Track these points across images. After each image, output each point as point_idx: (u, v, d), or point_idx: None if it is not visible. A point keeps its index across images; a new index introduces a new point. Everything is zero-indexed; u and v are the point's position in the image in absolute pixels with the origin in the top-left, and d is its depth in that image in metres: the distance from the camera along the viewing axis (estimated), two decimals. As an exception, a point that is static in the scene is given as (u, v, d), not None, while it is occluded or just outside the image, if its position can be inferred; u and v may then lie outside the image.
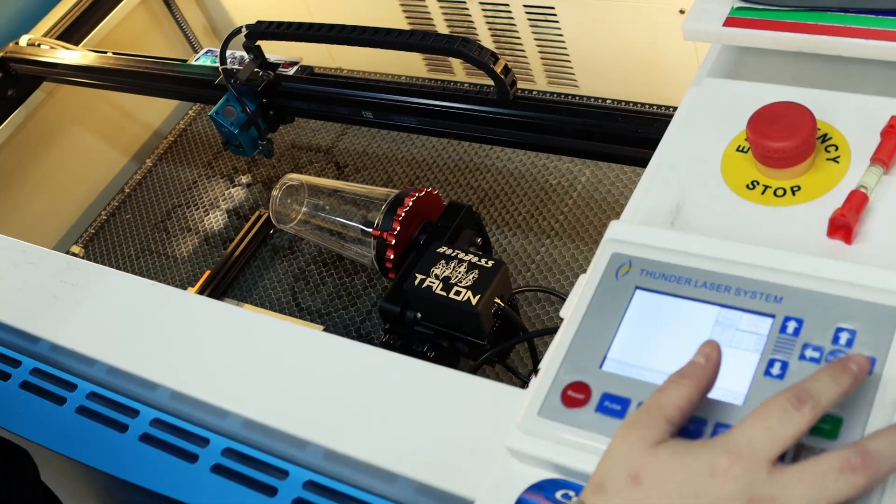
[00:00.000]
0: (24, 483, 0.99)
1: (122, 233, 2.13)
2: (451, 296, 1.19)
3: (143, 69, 1.77)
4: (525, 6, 1.79)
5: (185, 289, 1.84)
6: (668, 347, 0.69)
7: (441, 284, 1.20)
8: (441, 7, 1.91)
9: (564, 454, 0.68)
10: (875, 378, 0.62)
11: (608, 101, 1.85)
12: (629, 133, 1.27)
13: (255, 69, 1.60)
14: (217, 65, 1.66)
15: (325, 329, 1.71)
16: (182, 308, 1.04)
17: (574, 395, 0.69)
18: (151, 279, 1.07)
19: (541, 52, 1.87)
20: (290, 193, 1.57)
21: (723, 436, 0.59)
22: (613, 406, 0.68)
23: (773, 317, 0.68)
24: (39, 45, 1.94)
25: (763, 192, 0.78)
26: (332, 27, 1.47)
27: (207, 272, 1.86)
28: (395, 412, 0.85)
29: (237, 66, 1.70)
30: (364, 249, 1.47)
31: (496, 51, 1.50)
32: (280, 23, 1.51)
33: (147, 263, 2.02)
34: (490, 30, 1.89)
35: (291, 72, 1.62)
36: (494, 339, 1.22)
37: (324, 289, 1.80)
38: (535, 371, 0.72)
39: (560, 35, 1.81)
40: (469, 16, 1.88)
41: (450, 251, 1.24)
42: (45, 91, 2.04)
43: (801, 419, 0.58)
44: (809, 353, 0.65)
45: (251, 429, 0.89)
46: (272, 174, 2.09)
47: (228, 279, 1.87)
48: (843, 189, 0.76)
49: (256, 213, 1.97)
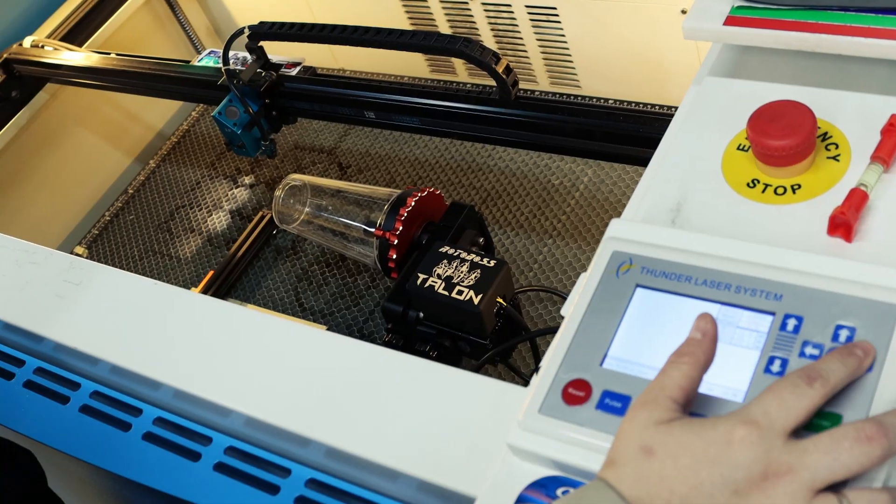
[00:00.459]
0: (31, 488, 1.00)
1: (126, 234, 2.13)
2: (454, 295, 1.19)
3: (147, 70, 1.78)
4: (527, 6, 1.79)
5: (189, 289, 1.85)
6: (669, 345, 0.69)
7: (443, 284, 1.21)
8: (443, 7, 1.91)
9: (565, 451, 0.68)
10: (874, 374, 0.63)
11: (610, 101, 1.85)
12: (631, 132, 1.27)
13: (258, 70, 1.60)
14: (220, 66, 1.66)
15: (328, 329, 1.72)
16: (185, 307, 1.04)
17: (575, 393, 0.69)
18: (155, 280, 1.08)
19: (542, 53, 1.87)
20: (293, 194, 1.58)
21: (737, 410, 0.60)
22: (614, 403, 0.68)
23: (774, 314, 0.68)
24: (43, 47, 1.94)
25: (763, 191, 0.78)
26: (334, 28, 1.47)
27: (211, 273, 1.86)
28: (397, 410, 0.85)
29: (240, 67, 1.71)
30: (367, 249, 1.47)
31: (498, 51, 1.50)
32: (282, 23, 1.52)
33: (150, 264, 2.03)
34: (492, 30, 1.89)
35: (294, 72, 1.62)
36: (496, 339, 1.23)
37: (327, 289, 1.80)
38: (537, 370, 0.73)
39: (562, 35, 1.81)
40: (471, 16, 1.89)
41: (452, 251, 1.24)
42: (49, 92, 2.04)
43: (813, 394, 0.59)
44: (809, 351, 0.65)
45: (254, 427, 0.89)
46: (275, 175, 2.09)
47: (231, 280, 1.87)
48: (844, 187, 0.76)
49: (259, 214, 1.97)
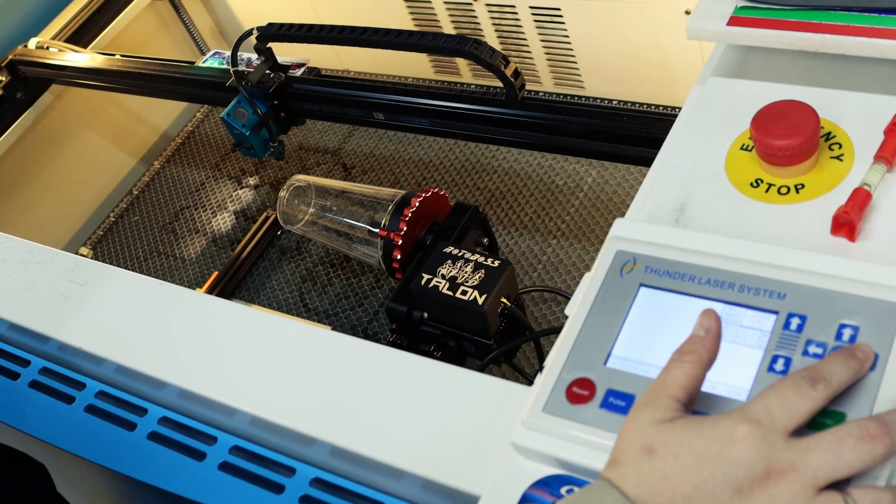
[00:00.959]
0: (43, 495, 1.00)
1: (131, 234, 2.13)
2: (458, 295, 1.20)
3: (151, 71, 1.78)
4: (531, 7, 1.80)
5: (193, 290, 1.85)
6: (673, 344, 0.69)
7: (448, 284, 1.21)
8: (447, 8, 1.91)
9: (569, 450, 0.68)
10: (878, 373, 0.63)
11: (613, 102, 1.85)
12: (635, 133, 1.27)
13: (266, 71, 1.60)
14: (225, 66, 1.67)
15: (333, 329, 1.72)
16: (189, 307, 1.04)
17: (579, 392, 0.69)
18: (160, 280, 1.08)
19: (547, 54, 1.88)
20: (298, 195, 1.58)
21: (739, 408, 0.60)
22: (618, 402, 0.68)
23: (777, 313, 0.68)
24: (48, 48, 1.95)
25: (767, 190, 0.79)
26: (343, 29, 1.47)
27: (215, 273, 1.87)
28: (401, 410, 0.85)
29: (245, 68, 1.71)
30: (371, 250, 1.47)
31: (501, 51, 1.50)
32: (291, 25, 1.52)
33: (155, 265, 2.03)
34: (496, 31, 1.89)
35: (299, 73, 1.62)
36: (501, 339, 1.23)
37: (331, 289, 1.81)
38: (541, 370, 0.73)
39: (565, 36, 1.82)
40: (475, 17, 1.89)
41: (456, 251, 1.24)
42: (54, 93, 2.05)
43: (816, 395, 0.59)
44: (813, 350, 0.65)
45: (259, 427, 0.89)
46: (279, 176, 2.09)
47: (236, 280, 1.88)
48: (847, 187, 0.76)
49: (264, 215, 1.97)
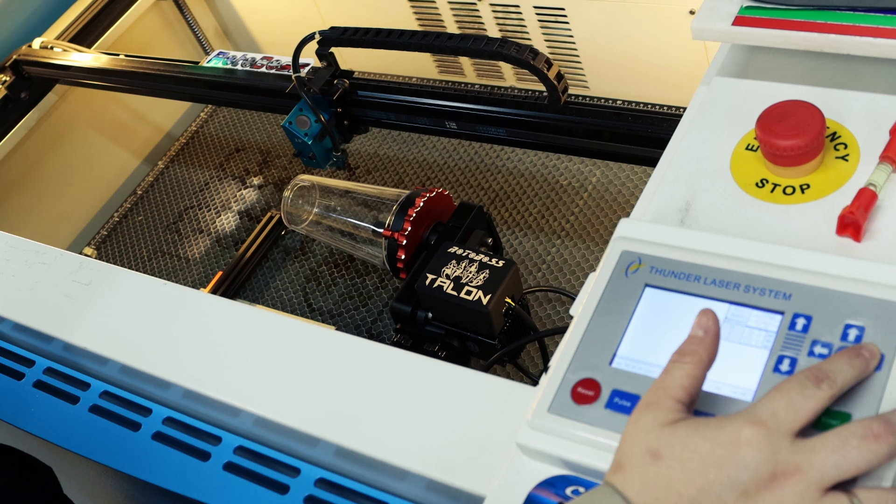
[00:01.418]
0: (51, 497, 1.00)
1: (135, 234, 2.14)
2: (462, 295, 1.19)
3: (155, 71, 1.78)
4: (535, 7, 1.80)
5: (198, 290, 1.85)
6: (678, 344, 0.69)
7: (452, 284, 1.21)
8: (451, 8, 1.91)
9: (574, 450, 0.68)
10: (884, 373, 0.63)
11: (618, 102, 1.85)
12: (640, 133, 1.27)
13: (329, 77, 1.54)
14: (230, 66, 1.67)
15: (337, 329, 1.72)
16: (194, 307, 1.04)
17: (584, 392, 0.69)
18: (164, 280, 1.08)
19: (551, 53, 1.87)
20: (302, 195, 1.58)
21: (744, 410, 0.59)
22: (623, 402, 0.68)
23: (783, 313, 0.68)
24: (52, 48, 1.95)
25: (772, 191, 0.78)
26: (402, 33, 1.41)
27: (219, 273, 1.87)
28: (406, 410, 0.85)
29: (249, 69, 1.71)
30: (375, 250, 1.47)
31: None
32: (356, 29, 1.46)
33: (159, 265, 2.03)
34: (500, 31, 1.89)
35: (302, 73, 1.62)
36: (505, 339, 1.23)
37: (335, 289, 1.81)
38: (546, 370, 0.73)
39: (570, 36, 1.82)
40: (479, 17, 1.89)
41: (460, 251, 1.24)
42: (58, 93, 2.05)
43: (821, 395, 0.59)
44: (818, 350, 0.65)
45: (263, 427, 0.89)
46: (283, 176, 2.09)
47: (240, 280, 1.88)
48: (853, 187, 0.76)
49: (268, 215, 1.98)
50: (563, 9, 1.76)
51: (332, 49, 1.51)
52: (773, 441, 0.57)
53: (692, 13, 1.61)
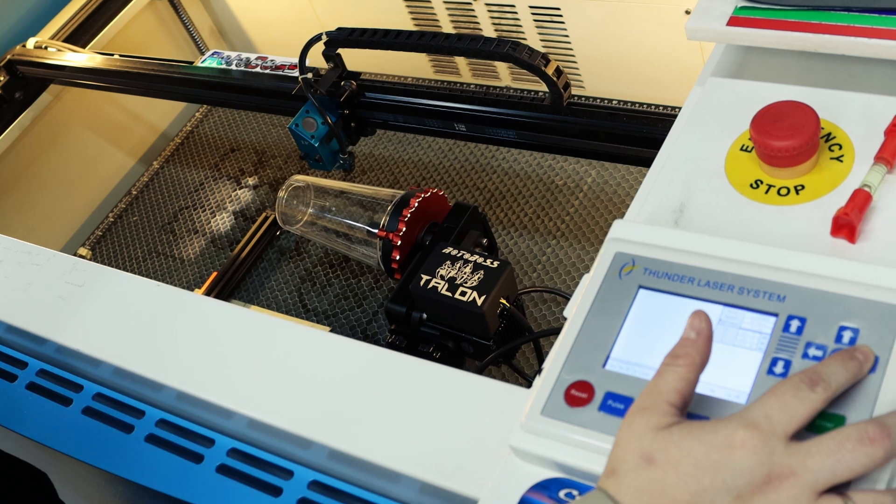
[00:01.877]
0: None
1: (130, 235, 2.13)
2: (457, 296, 1.19)
3: (150, 71, 1.78)
4: (530, 6, 1.79)
5: (192, 290, 1.85)
6: (671, 346, 0.69)
7: (447, 285, 1.20)
8: (446, 8, 1.91)
9: (568, 453, 0.68)
10: (878, 376, 0.62)
11: (613, 102, 1.85)
12: (634, 133, 1.27)
13: (336, 79, 1.53)
14: (225, 66, 1.66)
15: (332, 330, 1.72)
16: (187, 309, 1.04)
17: (577, 395, 0.69)
18: (158, 281, 1.08)
19: (547, 53, 1.87)
20: (297, 195, 1.57)
21: (738, 413, 0.59)
22: (617, 405, 0.68)
23: (777, 315, 0.68)
24: (47, 48, 1.94)
25: (767, 192, 0.78)
26: (410, 34, 1.40)
27: (214, 274, 1.86)
28: (400, 412, 0.85)
29: (244, 69, 1.70)
30: (370, 250, 1.47)
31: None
32: (364, 30, 1.44)
33: (154, 265, 2.03)
34: (496, 31, 1.89)
35: (295, 73, 1.62)
36: (500, 340, 1.23)
37: (330, 290, 1.80)
38: (540, 371, 0.73)
39: (565, 35, 1.81)
40: (475, 17, 1.88)
41: (455, 252, 1.24)
42: (53, 93, 2.04)
43: (816, 398, 0.59)
44: (812, 352, 0.65)
45: (256, 429, 0.89)
46: (279, 176, 2.09)
47: (235, 281, 1.87)
48: (847, 188, 0.76)
49: (263, 215, 1.97)
50: (559, 8, 1.76)
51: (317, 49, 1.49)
52: (768, 444, 0.57)
53: (688, 13, 1.61)
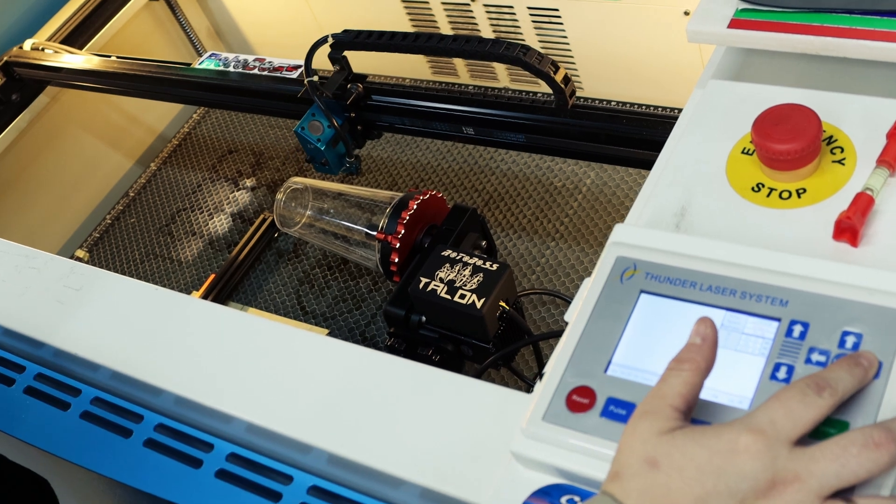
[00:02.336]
0: None
1: (127, 237, 2.13)
2: (456, 299, 1.19)
3: (148, 73, 1.77)
4: (529, 8, 1.79)
5: (190, 293, 1.85)
6: (674, 351, 0.68)
7: (446, 288, 1.20)
8: (444, 9, 1.90)
9: (569, 459, 0.68)
10: (882, 381, 0.62)
11: (612, 104, 1.85)
12: (634, 135, 1.26)
13: (342, 81, 1.51)
14: (222, 68, 1.66)
15: (330, 333, 1.71)
16: (185, 312, 1.03)
17: (579, 400, 0.69)
18: (156, 283, 1.07)
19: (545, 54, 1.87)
20: (295, 197, 1.57)
21: (743, 418, 0.59)
22: (619, 411, 0.67)
23: (779, 320, 0.68)
24: (43, 50, 1.94)
25: (768, 195, 0.78)
26: (417, 36, 1.38)
27: (212, 276, 1.86)
28: (400, 417, 0.84)
29: (242, 70, 1.70)
30: (368, 253, 1.46)
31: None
32: (370, 32, 1.43)
33: (152, 267, 2.02)
34: (494, 32, 1.88)
35: (295, 75, 1.61)
36: (499, 343, 1.22)
37: (328, 292, 1.80)
38: (540, 375, 0.72)
39: (564, 37, 1.81)
40: (473, 18, 1.88)
41: (454, 254, 1.24)
42: (49, 95, 2.04)
43: (822, 403, 0.58)
44: (815, 357, 0.65)
45: (255, 434, 0.89)
46: (277, 178, 2.09)
47: (233, 283, 1.87)
48: (849, 191, 0.75)
49: (261, 217, 1.97)
50: (557, 10, 1.76)
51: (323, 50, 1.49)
52: (772, 449, 0.57)
53: (686, 14, 1.60)
